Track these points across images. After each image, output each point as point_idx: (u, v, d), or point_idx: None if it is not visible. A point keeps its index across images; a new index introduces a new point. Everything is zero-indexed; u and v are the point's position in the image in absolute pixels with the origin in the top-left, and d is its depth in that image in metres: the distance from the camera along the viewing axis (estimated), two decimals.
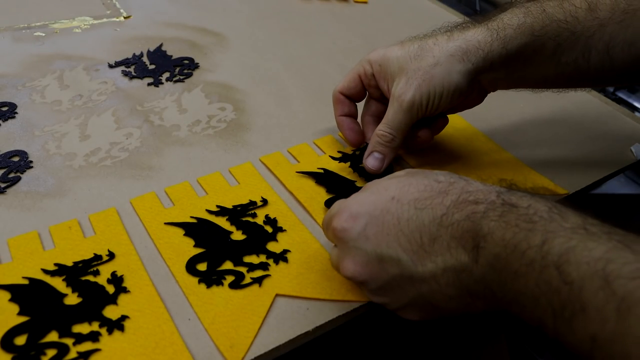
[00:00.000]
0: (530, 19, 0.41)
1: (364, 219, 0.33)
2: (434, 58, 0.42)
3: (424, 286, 0.32)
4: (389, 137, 0.44)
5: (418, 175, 0.34)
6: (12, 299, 0.34)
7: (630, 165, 0.53)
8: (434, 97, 0.42)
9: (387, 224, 0.32)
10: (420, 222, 0.32)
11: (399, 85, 0.43)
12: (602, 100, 0.62)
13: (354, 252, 0.33)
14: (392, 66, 0.44)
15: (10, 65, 0.56)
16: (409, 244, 0.32)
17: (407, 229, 0.32)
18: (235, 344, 0.33)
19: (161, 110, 0.53)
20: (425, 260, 0.31)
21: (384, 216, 0.33)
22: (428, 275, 0.31)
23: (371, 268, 0.33)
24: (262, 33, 0.68)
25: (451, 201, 0.31)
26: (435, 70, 0.42)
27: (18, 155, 0.45)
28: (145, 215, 0.41)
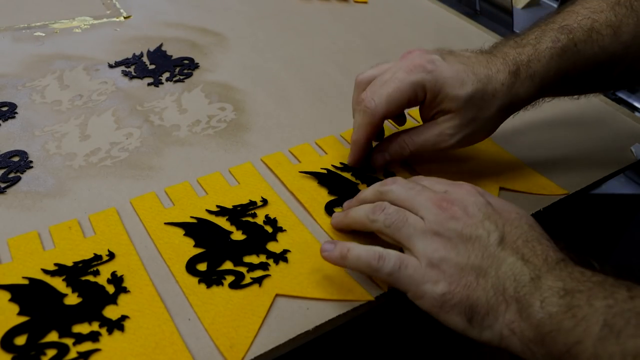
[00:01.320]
0: (564, 64, 0.43)
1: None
2: (490, 112, 0.43)
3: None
4: (407, 151, 0.45)
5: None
6: (12, 299, 0.34)
7: (630, 165, 0.53)
8: (467, 144, 0.45)
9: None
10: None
11: (450, 123, 0.43)
12: (602, 100, 0.62)
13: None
14: (451, 105, 0.42)
15: (10, 65, 0.56)
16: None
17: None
18: (235, 344, 0.33)
19: (161, 110, 0.53)
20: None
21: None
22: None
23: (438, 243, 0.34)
24: (262, 33, 0.68)
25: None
26: (486, 123, 0.44)
27: (18, 155, 0.45)
28: (145, 215, 0.41)
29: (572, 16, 0.44)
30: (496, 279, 0.32)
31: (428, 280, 0.33)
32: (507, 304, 0.31)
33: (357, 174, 0.47)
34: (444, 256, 0.33)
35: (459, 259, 0.33)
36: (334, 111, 0.55)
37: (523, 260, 0.32)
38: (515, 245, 0.33)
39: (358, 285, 0.38)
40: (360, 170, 0.47)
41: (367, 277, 0.38)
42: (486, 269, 0.32)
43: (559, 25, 0.44)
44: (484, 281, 0.32)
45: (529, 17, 0.87)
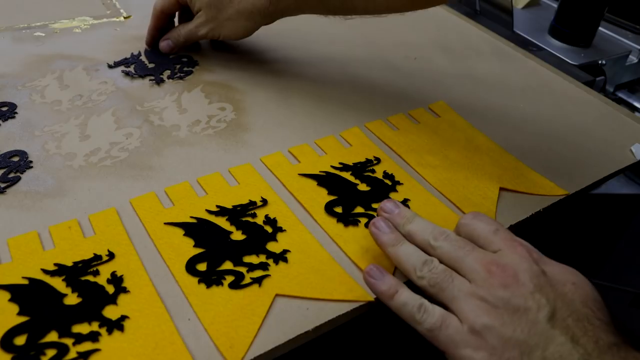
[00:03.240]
0: None
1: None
2: (227, 14, 0.55)
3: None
4: (182, 39, 0.59)
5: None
6: (12, 299, 0.34)
7: (630, 165, 0.53)
8: (222, 37, 0.58)
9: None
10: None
11: (199, 19, 0.57)
12: (602, 100, 0.62)
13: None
14: (199, 3, 0.56)
15: (10, 65, 0.56)
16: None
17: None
18: (235, 344, 0.33)
19: (161, 110, 0.53)
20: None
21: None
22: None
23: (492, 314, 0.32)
24: (262, 33, 0.68)
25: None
26: (227, 23, 0.56)
27: (18, 155, 0.45)
28: (145, 215, 0.41)
29: None
30: (542, 359, 0.30)
31: (469, 345, 0.31)
32: None
33: (357, 173, 0.47)
34: (488, 324, 0.31)
35: (504, 330, 0.31)
36: (333, 111, 0.55)
37: (573, 341, 0.30)
38: (565, 323, 0.31)
39: (358, 285, 0.38)
40: (360, 169, 0.47)
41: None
42: (532, 347, 0.30)
43: None
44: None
45: (529, 17, 0.87)
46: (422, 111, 0.56)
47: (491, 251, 0.35)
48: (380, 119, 0.54)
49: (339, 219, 0.42)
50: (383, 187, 0.46)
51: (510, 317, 0.31)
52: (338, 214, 0.43)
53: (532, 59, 0.70)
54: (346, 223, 0.42)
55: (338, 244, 0.41)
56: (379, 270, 0.36)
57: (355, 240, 0.41)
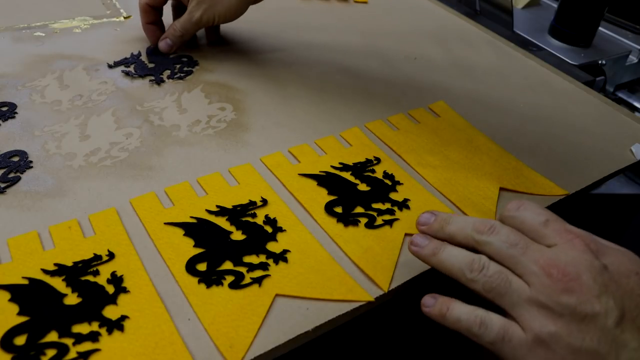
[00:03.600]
0: None
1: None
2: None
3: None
4: (178, 33, 0.59)
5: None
6: (12, 299, 0.34)
7: (630, 165, 0.53)
8: (217, 19, 0.57)
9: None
10: None
11: (191, 4, 0.57)
12: (602, 100, 0.62)
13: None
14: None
15: (10, 65, 0.56)
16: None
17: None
18: (235, 344, 0.33)
19: (161, 110, 0.53)
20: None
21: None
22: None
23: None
24: (262, 33, 0.68)
25: None
26: (220, 3, 0.56)
27: (18, 155, 0.45)
28: (145, 215, 0.41)
29: None
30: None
31: (536, 356, 0.30)
32: None
33: (357, 173, 0.47)
34: (554, 333, 0.29)
35: (572, 340, 0.29)
36: (333, 111, 0.55)
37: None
38: (635, 325, 0.29)
39: (358, 285, 0.38)
40: (360, 169, 0.47)
41: (367, 278, 0.38)
42: (604, 355, 0.29)
43: None
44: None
45: (529, 17, 0.87)
46: (422, 111, 0.56)
47: (545, 245, 0.32)
48: (380, 119, 0.54)
49: (339, 219, 0.42)
50: (383, 187, 0.46)
51: (577, 325, 0.29)
52: (338, 214, 0.43)
53: (532, 59, 0.70)
54: (346, 223, 0.42)
55: (338, 244, 0.41)
56: (432, 297, 0.34)
57: (355, 240, 0.41)
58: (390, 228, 0.42)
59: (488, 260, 0.33)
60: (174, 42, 0.59)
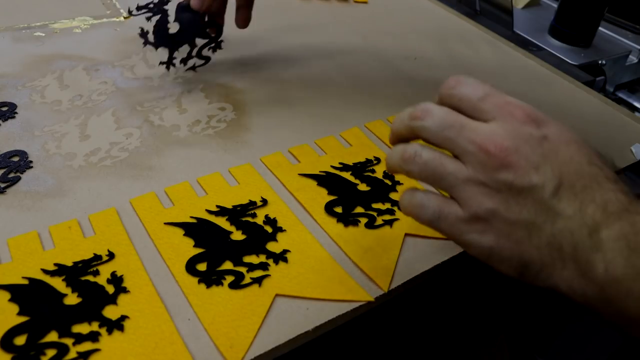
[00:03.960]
0: None
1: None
2: None
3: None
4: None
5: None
6: (12, 299, 0.34)
7: (630, 165, 0.53)
8: None
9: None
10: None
11: None
12: (602, 100, 0.62)
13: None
14: None
15: (10, 65, 0.56)
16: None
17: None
18: (235, 344, 0.33)
19: (161, 110, 0.53)
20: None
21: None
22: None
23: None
24: (262, 33, 0.68)
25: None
26: None
27: (18, 155, 0.45)
28: (145, 215, 0.41)
29: None
30: (552, 236, 0.29)
31: (473, 231, 0.30)
32: (563, 263, 0.29)
33: (357, 173, 0.47)
34: (491, 209, 0.30)
35: (509, 214, 0.29)
36: (333, 111, 0.55)
37: (581, 212, 0.28)
38: (572, 192, 0.29)
39: (358, 285, 0.38)
40: (360, 169, 0.47)
41: (367, 278, 0.38)
42: (540, 225, 0.29)
43: None
44: (537, 238, 0.29)
45: (529, 17, 0.87)
46: None
47: (483, 121, 0.31)
48: (380, 119, 0.54)
49: (339, 219, 0.42)
50: (383, 187, 0.46)
51: (514, 199, 0.29)
52: (338, 214, 0.43)
53: (532, 59, 0.70)
54: (346, 223, 0.42)
55: (338, 244, 0.41)
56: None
57: (355, 240, 0.41)
58: (390, 228, 0.42)
59: (420, 147, 0.32)
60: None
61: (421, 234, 0.42)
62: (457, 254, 0.41)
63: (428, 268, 0.40)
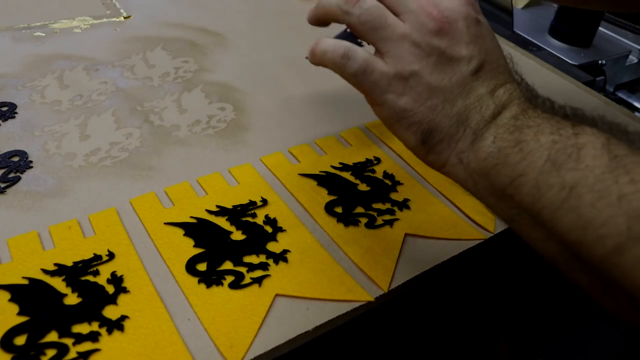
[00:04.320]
0: None
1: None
2: None
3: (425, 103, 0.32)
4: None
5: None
6: (12, 299, 0.34)
7: None
8: None
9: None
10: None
11: None
12: (602, 100, 0.62)
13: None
14: None
15: (10, 65, 0.56)
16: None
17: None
18: (235, 343, 0.33)
19: (161, 110, 0.53)
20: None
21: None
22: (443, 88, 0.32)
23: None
24: (262, 33, 0.68)
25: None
26: None
27: (18, 155, 0.45)
28: (145, 215, 0.41)
29: None
30: (463, 107, 0.31)
31: (392, 90, 0.32)
32: (464, 134, 0.31)
33: (357, 173, 0.47)
34: (416, 71, 0.31)
35: (432, 79, 0.31)
36: (333, 111, 0.55)
37: (492, 94, 0.31)
38: (489, 75, 0.32)
39: (358, 285, 0.38)
40: (360, 169, 0.47)
41: (367, 278, 0.38)
42: (455, 96, 0.31)
43: None
44: (449, 107, 0.31)
45: (529, 17, 0.87)
46: None
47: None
48: None
49: (339, 219, 0.42)
50: (383, 187, 0.46)
51: (441, 67, 0.31)
52: (338, 214, 0.43)
53: (532, 58, 0.70)
54: (346, 223, 0.42)
55: (338, 244, 0.41)
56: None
57: (355, 240, 0.41)
58: (391, 228, 0.42)
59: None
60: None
61: (421, 234, 0.42)
62: (457, 254, 0.41)
63: (428, 268, 0.40)
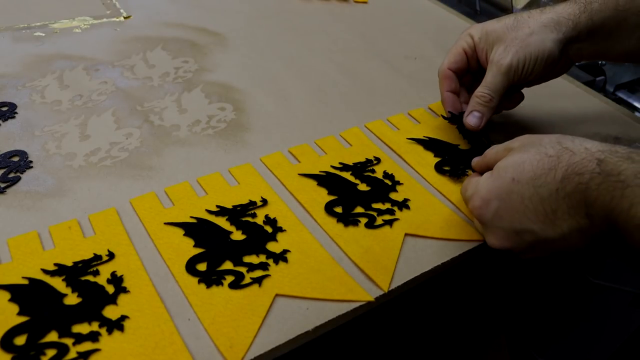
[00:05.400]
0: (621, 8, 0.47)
1: (494, 203, 0.38)
2: (530, 28, 0.48)
3: (558, 243, 0.37)
4: (487, 97, 0.48)
5: (530, 150, 0.38)
6: (12, 299, 0.34)
7: None
8: (529, 62, 0.47)
9: (514, 203, 0.37)
10: (540, 197, 0.36)
11: (498, 51, 0.48)
12: (602, 100, 0.62)
13: (494, 230, 0.39)
14: (491, 37, 0.49)
15: (10, 65, 0.56)
16: (536, 216, 0.37)
17: (532, 205, 0.37)
18: (235, 343, 0.33)
19: (161, 110, 0.53)
20: (554, 226, 0.36)
21: (510, 197, 0.38)
22: (559, 237, 0.36)
23: (511, 240, 0.38)
24: (262, 33, 0.68)
25: (561, 176, 0.36)
26: (531, 38, 0.47)
27: (18, 155, 0.45)
28: (145, 215, 0.41)
29: None
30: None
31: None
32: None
33: (357, 173, 0.47)
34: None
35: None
36: (333, 111, 0.55)
37: None
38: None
39: (358, 285, 0.38)
40: (359, 169, 0.47)
41: (367, 278, 0.38)
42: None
43: None
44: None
45: None
46: (422, 111, 0.56)
47: None
48: (380, 119, 0.54)
49: (339, 219, 0.42)
50: (383, 187, 0.46)
51: None
52: (338, 214, 0.43)
53: None
54: (346, 223, 0.42)
55: (338, 244, 0.41)
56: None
57: (355, 240, 0.41)
58: (390, 228, 0.42)
59: None
60: (483, 112, 0.49)
61: (421, 234, 0.42)
62: (457, 254, 0.41)
63: (428, 268, 0.40)
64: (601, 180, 0.34)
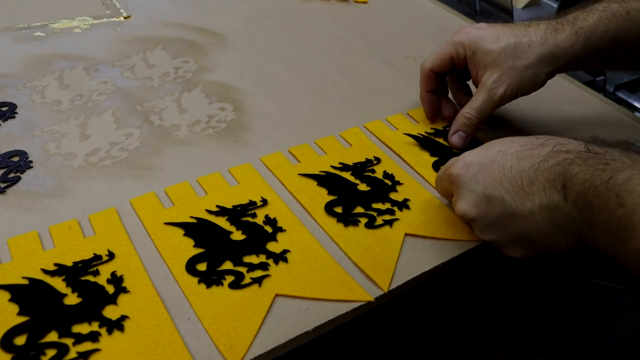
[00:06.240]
0: (614, 26, 0.47)
1: (475, 167, 0.39)
2: (527, 60, 0.47)
3: (524, 223, 0.37)
4: (475, 120, 0.49)
5: (520, 136, 0.40)
6: (12, 299, 0.34)
7: None
8: (520, 93, 0.49)
9: (493, 170, 0.38)
10: (521, 168, 0.37)
11: (492, 78, 0.48)
12: (602, 100, 0.63)
13: (466, 194, 0.39)
14: (487, 58, 0.49)
15: (10, 65, 0.56)
16: (511, 186, 0.37)
17: (510, 174, 0.37)
18: (235, 344, 0.33)
19: (161, 110, 0.53)
20: (525, 200, 0.36)
21: (492, 164, 0.38)
22: (527, 213, 0.36)
23: (480, 207, 0.38)
24: (262, 33, 0.68)
25: (547, 151, 0.37)
26: (526, 72, 0.48)
27: (18, 155, 0.45)
28: (145, 215, 0.41)
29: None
30: None
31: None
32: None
33: (357, 173, 0.47)
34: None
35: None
36: (333, 111, 0.55)
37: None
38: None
39: (358, 285, 0.38)
40: (359, 169, 0.47)
41: (367, 278, 0.38)
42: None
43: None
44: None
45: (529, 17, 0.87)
46: (421, 111, 0.56)
47: None
48: (380, 119, 0.54)
49: (339, 219, 0.42)
50: (383, 187, 0.46)
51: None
52: (338, 214, 0.43)
53: None
54: (346, 223, 0.42)
55: (338, 244, 0.41)
56: None
57: (355, 240, 0.41)
58: (390, 228, 0.42)
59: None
60: (468, 133, 0.50)
61: (421, 234, 0.42)
62: (457, 254, 0.41)
63: (428, 268, 0.40)
64: (587, 157, 0.34)
